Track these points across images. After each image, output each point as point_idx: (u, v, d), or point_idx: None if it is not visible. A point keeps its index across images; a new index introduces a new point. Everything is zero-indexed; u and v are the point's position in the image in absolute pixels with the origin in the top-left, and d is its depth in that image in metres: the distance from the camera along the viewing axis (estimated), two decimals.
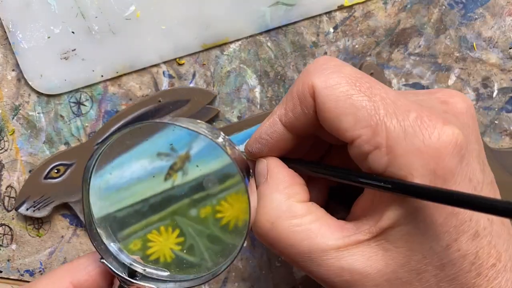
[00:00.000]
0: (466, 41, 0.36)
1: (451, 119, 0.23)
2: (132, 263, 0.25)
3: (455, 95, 0.25)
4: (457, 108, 0.24)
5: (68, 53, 0.36)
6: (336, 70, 0.23)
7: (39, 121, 0.38)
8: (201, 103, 0.36)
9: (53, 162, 0.37)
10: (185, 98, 0.36)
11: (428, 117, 0.22)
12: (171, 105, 0.36)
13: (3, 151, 0.38)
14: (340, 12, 0.36)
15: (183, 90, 0.36)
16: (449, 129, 0.21)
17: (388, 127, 0.22)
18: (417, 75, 0.36)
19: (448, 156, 0.21)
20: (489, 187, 0.23)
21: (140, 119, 0.36)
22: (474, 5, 0.36)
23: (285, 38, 0.36)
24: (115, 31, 0.36)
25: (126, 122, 0.36)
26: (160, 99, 0.36)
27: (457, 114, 0.24)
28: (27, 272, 0.39)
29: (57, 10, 0.36)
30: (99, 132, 0.37)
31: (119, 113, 0.37)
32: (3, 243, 0.39)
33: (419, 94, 0.25)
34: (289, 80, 0.37)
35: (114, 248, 0.25)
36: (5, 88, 0.38)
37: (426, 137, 0.21)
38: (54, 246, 0.38)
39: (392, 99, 0.22)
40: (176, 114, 0.36)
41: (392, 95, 0.23)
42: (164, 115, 0.36)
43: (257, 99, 0.37)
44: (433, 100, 0.24)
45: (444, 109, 0.24)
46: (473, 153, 0.23)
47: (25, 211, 0.37)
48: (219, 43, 0.36)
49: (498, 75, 0.36)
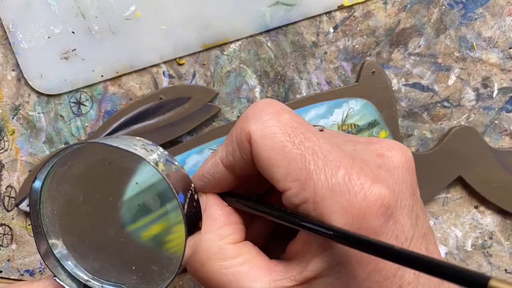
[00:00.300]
0: (466, 41, 0.36)
1: (382, 176, 0.23)
2: (89, 280, 0.25)
3: (393, 148, 0.24)
4: (393, 163, 0.24)
5: (68, 53, 0.37)
6: (273, 118, 0.23)
7: (39, 121, 0.38)
8: (202, 101, 0.36)
9: None
10: (187, 96, 0.36)
11: (357, 174, 0.22)
12: (172, 103, 0.36)
13: (3, 151, 0.38)
14: (340, 12, 0.36)
15: (184, 87, 0.36)
16: (376, 188, 0.21)
17: (315, 183, 0.22)
18: (417, 75, 0.36)
19: (372, 216, 0.21)
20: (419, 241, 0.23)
21: (140, 117, 0.36)
22: (474, 5, 0.36)
23: (285, 38, 0.36)
24: (115, 31, 0.36)
25: (126, 120, 0.36)
26: (162, 96, 0.36)
27: (391, 169, 0.24)
28: (27, 272, 0.39)
29: (57, 10, 0.36)
30: (98, 130, 0.37)
31: (120, 111, 0.37)
32: (3, 243, 0.39)
33: (357, 143, 0.25)
34: (289, 80, 0.37)
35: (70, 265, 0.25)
36: (5, 88, 0.38)
37: (352, 196, 0.21)
38: None
39: (325, 153, 0.22)
40: (177, 112, 0.36)
41: (325, 148, 0.23)
42: (165, 112, 0.36)
43: (257, 99, 0.37)
44: (370, 152, 0.24)
45: (378, 163, 0.24)
46: (405, 209, 0.23)
47: (26, 207, 0.37)
48: (219, 43, 0.36)
49: (498, 75, 0.36)
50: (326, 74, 0.37)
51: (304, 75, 0.37)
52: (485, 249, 0.38)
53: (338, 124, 0.36)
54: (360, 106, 0.36)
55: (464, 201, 0.38)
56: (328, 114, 0.36)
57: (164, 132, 0.36)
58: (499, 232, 0.38)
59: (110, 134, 0.36)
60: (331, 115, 0.36)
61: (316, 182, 0.22)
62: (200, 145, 0.36)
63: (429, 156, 0.36)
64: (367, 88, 0.35)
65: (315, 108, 0.36)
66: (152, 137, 0.36)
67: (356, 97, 0.36)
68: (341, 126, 0.36)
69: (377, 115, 0.36)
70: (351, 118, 0.36)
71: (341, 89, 0.36)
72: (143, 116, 0.36)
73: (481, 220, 0.38)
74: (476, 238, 0.38)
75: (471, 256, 0.38)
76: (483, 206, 0.38)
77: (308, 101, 0.36)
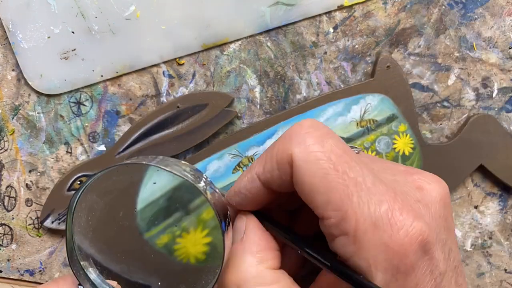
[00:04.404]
0: (466, 41, 0.36)
1: (421, 211, 0.23)
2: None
3: (432, 181, 0.24)
4: (432, 197, 0.24)
5: (68, 53, 0.37)
6: (317, 142, 0.23)
7: (39, 121, 0.38)
8: (219, 107, 0.36)
9: (76, 173, 0.37)
10: (203, 103, 0.36)
11: (400, 210, 0.22)
12: (190, 110, 0.36)
13: (3, 151, 0.38)
14: (340, 12, 0.36)
15: (201, 94, 0.36)
16: (418, 225, 0.21)
17: (358, 216, 0.21)
18: (417, 75, 0.36)
19: (412, 253, 0.21)
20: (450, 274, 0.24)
21: (159, 127, 0.36)
22: (474, 5, 0.36)
23: (285, 38, 0.36)
24: (115, 31, 0.36)
25: (146, 130, 0.36)
26: (179, 104, 0.36)
27: (430, 203, 0.24)
28: (27, 272, 0.39)
29: (57, 10, 0.36)
30: (119, 142, 0.37)
31: (138, 122, 0.37)
32: (3, 243, 0.39)
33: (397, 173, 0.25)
34: (289, 80, 0.37)
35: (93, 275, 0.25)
36: (5, 88, 0.38)
37: (394, 233, 0.21)
38: (54, 246, 0.38)
39: (368, 185, 0.22)
40: (195, 119, 0.36)
41: (369, 180, 0.22)
42: (183, 120, 0.36)
43: (257, 99, 0.37)
44: (409, 184, 0.24)
45: (418, 197, 0.24)
46: (439, 243, 0.23)
47: (51, 224, 0.37)
48: (219, 43, 0.36)
49: (498, 75, 0.36)
50: (326, 74, 0.37)
51: (304, 75, 0.37)
52: (485, 249, 0.38)
53: (357, 120, 0.36)
54: (378, 101, 0.36)
55: (463, 201, 0.38)
56: (346, 112, 0.36)
57: (184, 140, 0.36)
58: (498, 232, 0.38)
59: (130, 145, 0.37)
60: (349, 112, 0.36)
61: (358, 216, 0.21)
62: (220, 151, 0.36)
63: (449, 147, 0.36)
64: (383, 83, 0.35)
65: (332, 106, 0.36)
66: (172, 146, 0.36)
67: (373, 93, 0.36)
68: (359, 122, 0.36)
69: (395, 109, 0.36)
70: (369, 113, 0.36)
71: (358, 85, 0.36)
72: (161, 125, 0.36)
73: (481, 220, 0.38)
74: (475, 238, 0.38)
75: (470, 256, 0.38)
76: (483, 206, 0.38)
77: (325, 100, 0.36)
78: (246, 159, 0.36)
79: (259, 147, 0.36)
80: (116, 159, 0.37)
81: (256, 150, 0.36)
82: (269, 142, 0.36)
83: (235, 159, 0.36)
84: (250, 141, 0.36)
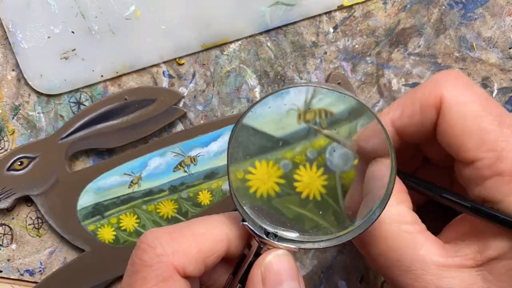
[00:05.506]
0: (466, 41, 0.36)
1: None
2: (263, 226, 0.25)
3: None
4: None
5: (68, 53, 0.37)
6: (469, 87, 0.23)
7: (39, 121, 0.38)
8: (167, 103, 0.36)
9: (17, 154, 0.37)
10: (151, 98, 0.36)
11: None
12: (137, 104, 0.36)
13: (3, 151, 0.38)
14: (340, 12, 0.36)
15: (149, 89, 0.36)
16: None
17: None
18: (417, 75, 0.36)
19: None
20: None
21: (104, 117, 0.36)
22: (474, 5, 0.36)
23: (285, 38, 0.36)
24: (115, 31, 0.36)
25: (91, 119, 0.36)
26: (126, 97, 0.36)
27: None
28: (27, 272, 0.39)
29: (57, 10, 0.36)
30: (63, 128, 0.37)
31: (84, 109, 0.37)
32: (3, 243, 0.39)
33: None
34: (289, 80, 0.37)
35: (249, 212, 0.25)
36: (5, 88, 0.38)
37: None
38: (54, 246, 0.38)
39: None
40: (142, 113, 0.36)
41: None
42: (129, 113, 0.36)
43: (257, 99, 0.37)
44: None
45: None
46: None
47: None
48: (219, 43, 0.36)
49: (498, 75, 0.36)
50: (326, 74, 0.37)
51: (304, 75, 0.37)
52: None
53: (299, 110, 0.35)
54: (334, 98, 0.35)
55: None
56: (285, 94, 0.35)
57: (128, 133, 0.36)
58: None
59: (74, 132, 0.36)
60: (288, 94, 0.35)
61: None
62: (163, 148, 0.36)
63: None
64: None
65: None
66: (116, 137, 0.36)
67: None
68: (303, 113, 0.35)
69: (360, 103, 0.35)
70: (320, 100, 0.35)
71: None
72: (107, 116, 0.36)
73: None
74: None
75: None
76: None
77: None
78: (188, 159, 0.36)
79: (203, 149, 0.36)
80: (58, 144, 0.36)
81: (199, 151, 0.36)
82: (214, 145, 0.36)
83: (177, 158, 0.36)
84: (194, 142, 0.36)
